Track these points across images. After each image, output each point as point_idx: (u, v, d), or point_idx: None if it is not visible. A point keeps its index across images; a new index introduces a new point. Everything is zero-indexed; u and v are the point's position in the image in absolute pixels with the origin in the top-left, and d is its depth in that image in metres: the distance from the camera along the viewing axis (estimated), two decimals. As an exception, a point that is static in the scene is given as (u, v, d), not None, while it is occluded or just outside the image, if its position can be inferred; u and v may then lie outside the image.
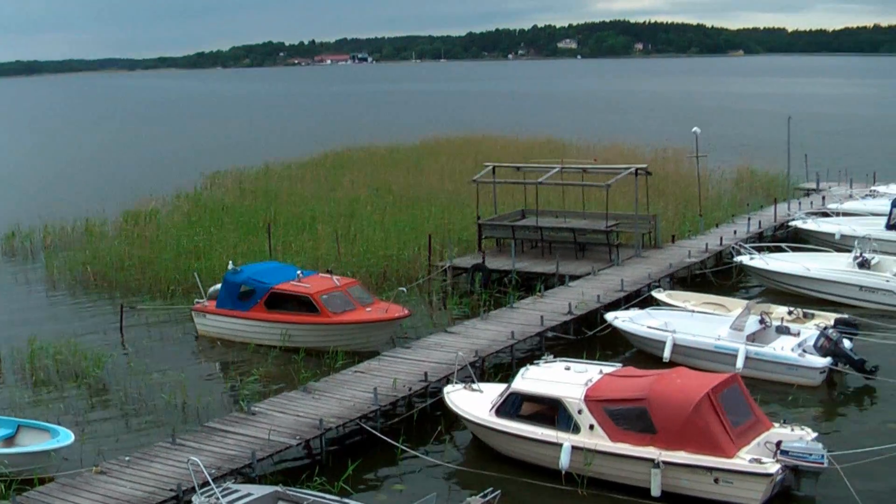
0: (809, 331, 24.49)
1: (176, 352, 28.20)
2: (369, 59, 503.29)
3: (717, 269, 33.83)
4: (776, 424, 18.57)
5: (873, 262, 31.13)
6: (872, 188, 47.20)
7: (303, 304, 27.42)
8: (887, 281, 29.67)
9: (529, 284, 32.31)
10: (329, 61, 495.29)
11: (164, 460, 18.55)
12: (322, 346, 26.74)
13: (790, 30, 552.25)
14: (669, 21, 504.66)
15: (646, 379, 18.83)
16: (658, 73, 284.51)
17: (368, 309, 27.36)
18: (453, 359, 22.80)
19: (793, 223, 39.53)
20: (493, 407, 19.84)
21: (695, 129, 40.99)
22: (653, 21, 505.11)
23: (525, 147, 67.46)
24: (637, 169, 35.52)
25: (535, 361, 20.67)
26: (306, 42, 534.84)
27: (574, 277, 31.91)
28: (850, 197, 44.94)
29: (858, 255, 31.13)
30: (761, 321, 24.66)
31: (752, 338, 24.14)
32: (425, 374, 22.77)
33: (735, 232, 37.57)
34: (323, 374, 24.15)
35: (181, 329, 30.10)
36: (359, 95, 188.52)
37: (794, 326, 24.95)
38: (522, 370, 20.25)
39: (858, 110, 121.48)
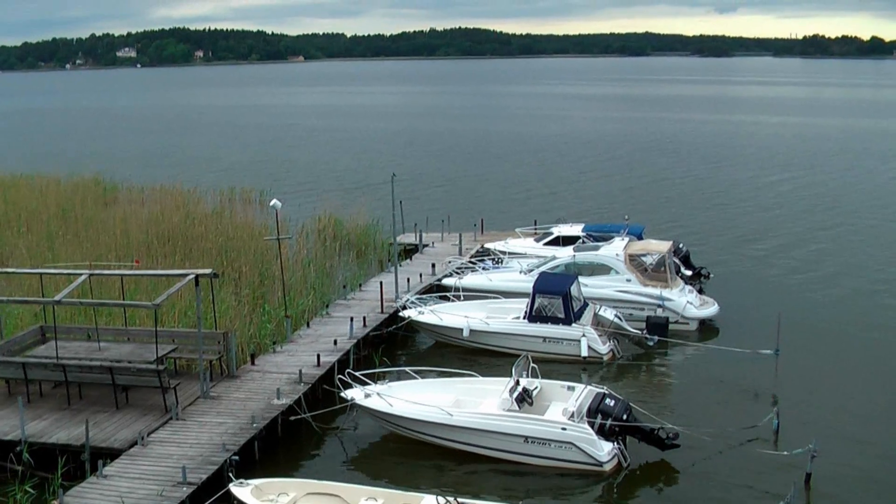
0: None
1: None
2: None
3: (322, 412, 24.33)
4: None
5: (534, 391, 23.02)
6: (486, 245, 39.80)
7: None
8: (563, 430, 21.23)
9: (49, 465, 21.32)
10: None
11: None
12: None
13: (349, 35, 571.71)
14: (230, 28, 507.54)
15: None
16: (218, 83, 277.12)
17: None
18: None
19: (405, 313, 30.45)
20: None
21: (273, 201, 30.91)
22: (213, 28, 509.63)
23: (69, 191, 55.40)
24: (198, 276, 24.95)
25: None
26: None
27: (113, 454, 21.34)
28: (470, 266, 35.50)
29: (514, 383, 22.50)
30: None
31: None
32: None
33: (335, 342, 28.06)
34: None
35: None
36: None
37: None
38: None
39: (398, 124, 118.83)
